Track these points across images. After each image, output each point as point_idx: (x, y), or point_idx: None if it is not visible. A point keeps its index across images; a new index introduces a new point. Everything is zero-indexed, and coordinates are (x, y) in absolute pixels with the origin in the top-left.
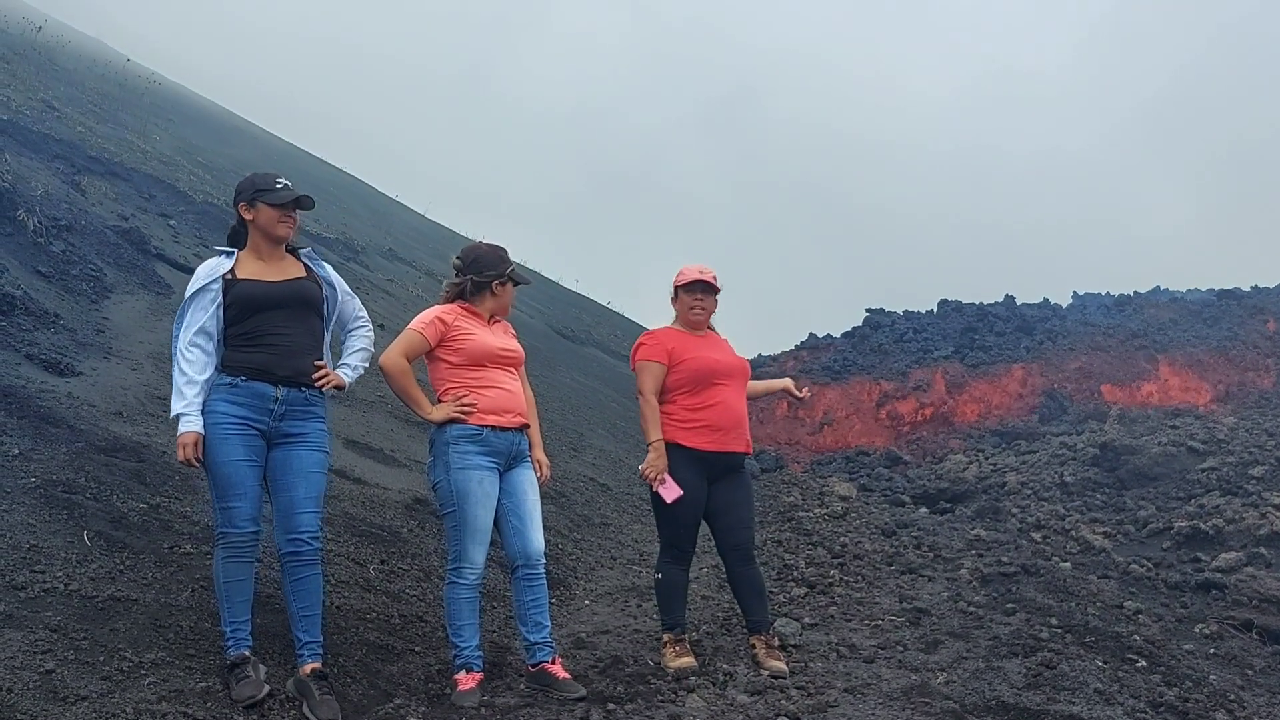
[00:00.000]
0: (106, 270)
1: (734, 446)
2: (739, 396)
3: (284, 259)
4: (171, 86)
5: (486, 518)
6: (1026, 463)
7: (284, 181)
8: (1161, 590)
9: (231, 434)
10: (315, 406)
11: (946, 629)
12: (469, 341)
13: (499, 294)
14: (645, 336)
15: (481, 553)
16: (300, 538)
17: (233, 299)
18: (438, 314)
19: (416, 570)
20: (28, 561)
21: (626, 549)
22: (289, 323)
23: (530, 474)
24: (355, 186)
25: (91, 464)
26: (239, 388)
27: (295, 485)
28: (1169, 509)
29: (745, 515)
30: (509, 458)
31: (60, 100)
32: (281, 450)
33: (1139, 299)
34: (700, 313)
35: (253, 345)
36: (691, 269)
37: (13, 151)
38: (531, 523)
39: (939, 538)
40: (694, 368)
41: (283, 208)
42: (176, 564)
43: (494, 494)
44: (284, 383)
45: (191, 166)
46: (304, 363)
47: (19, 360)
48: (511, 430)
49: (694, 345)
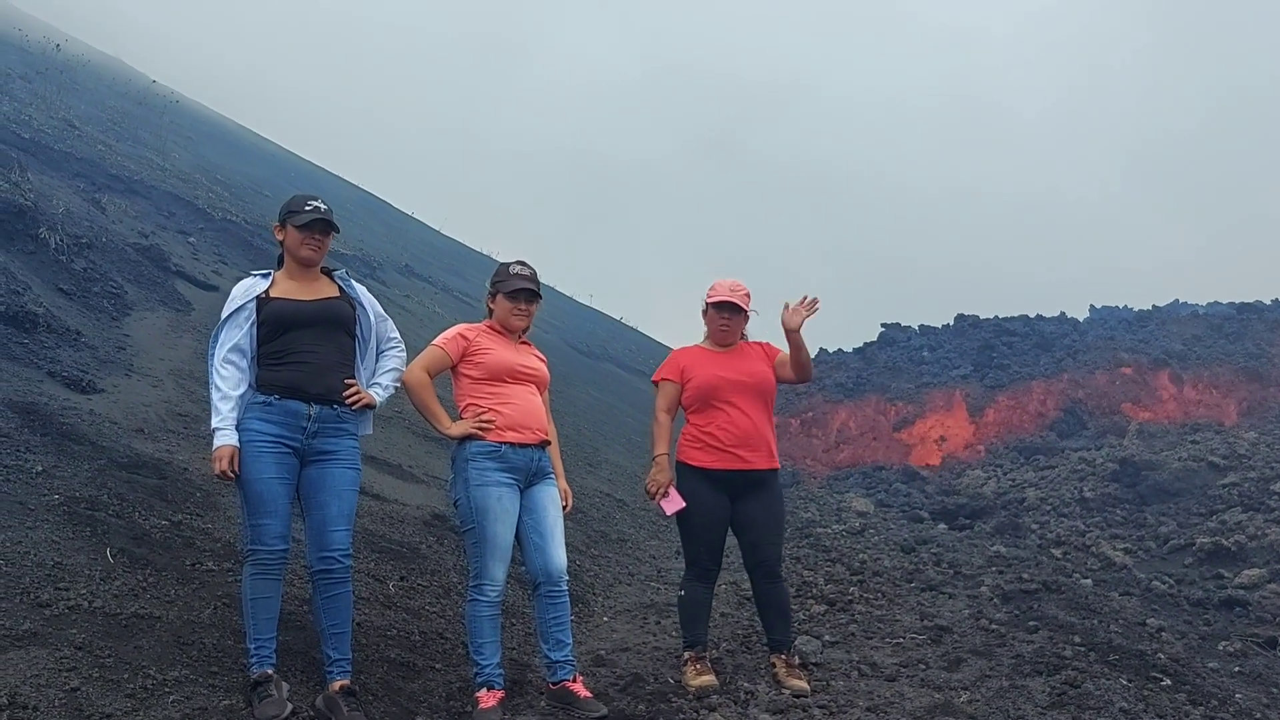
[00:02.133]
0: (127, 287)
1: (744, 464)
2: (750, 412)
3: (317, 280)
4: (190, 104)
5: (506, 534)
6: (1045, 478)
7: (315, 204)
8: (1184, 607)
9: (265, 452)
10: (347, 424)
11: (969, 647)
12: (488, 356)
13: (496, 308)
14: (669, 356)
15: (502, 569)
16: (333, 555)
17: (265, 317)
18: (460, 330)
19: (436, 587)
20: (52, 579)
21: (644, 565)
22: (319, 341)
23: (552, 491)
24: (371, 203)
25: (114, 481)
26: (273, 406)
27: (328, 503)
28: (1190, 525)
29: (768, 532)
30: (529, 474)
31: (80, 119)
32: (315, 468)
33: (1160, 314)
34: (728, 330)
35: (284, 363)
36: (723, 286)
37: (35, 169)
38: (553, 540)
39: (959, 554)
40: (698, 385)
41: (306, 230)
42: (199, 581)
43: (514, 510)
44: (316, 400)
45: (210, 184)
46: (335, 380)
47: (42, 378)
48: (531, 446)
49: (708, 362)
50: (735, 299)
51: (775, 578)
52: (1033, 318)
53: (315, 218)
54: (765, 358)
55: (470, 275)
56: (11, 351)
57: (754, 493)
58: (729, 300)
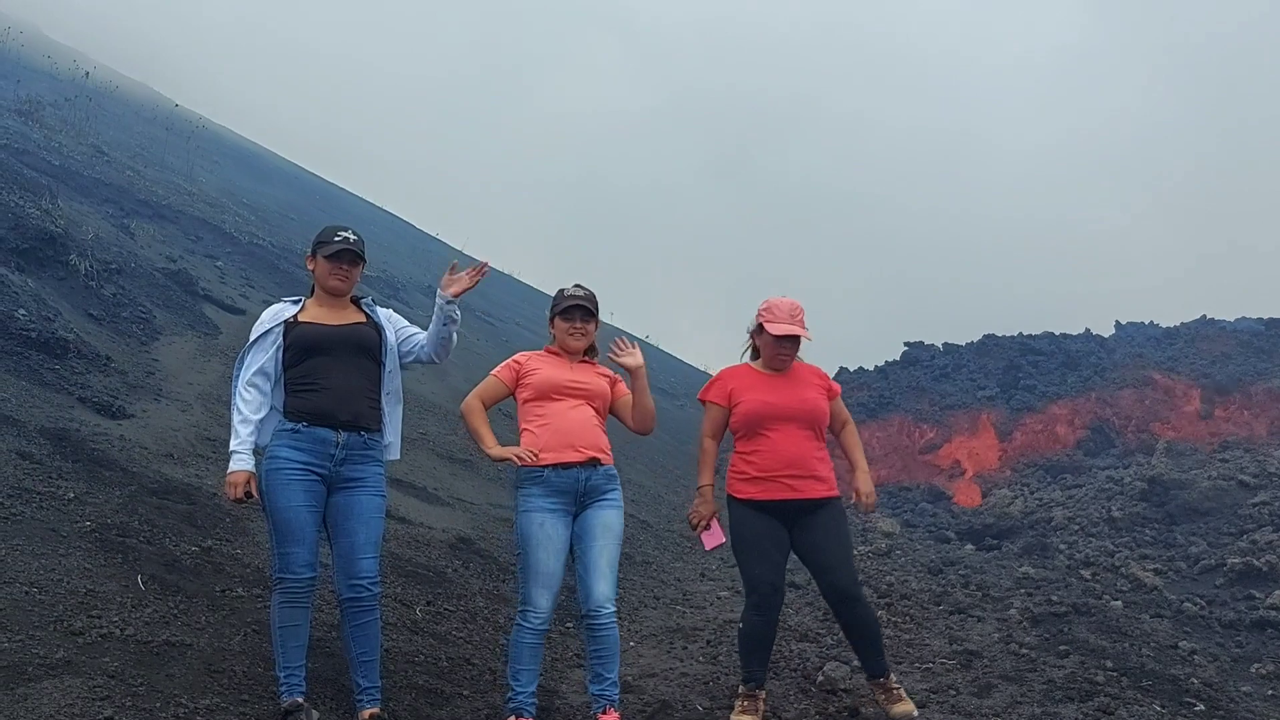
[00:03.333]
0: (156, 312)
1: (794, 492)
2: (795, 440)
3: (346, 308)
4: (216, 129)
5: (549, 561)
6: (1073, 497)
7: (344, 235)
8: (1216, 629)
9: (293, 480)
10: (374, 450)
11: (999, 672)
12: (535, 376)
13: (555, 331)
14: (717, 375)
15: (545, 596)
16: (361, 583)
17: (292, 340)
18: (515, 356)
19: (462, 611)
20: (84, 606)
21: (669, 588)
22: (345, 367)
23: (605, 515)
24: (394, 224)
25: (144, 507)
26: (301, 434)
27: (356, 530)
28: (1220, 545)
29: (832, 558)
30: (578, 495)
31: (109, 145)
32: (342, 495)
33: (1188, 330)
34: (787, 359)
35: (310, 389)
36: (782, 310)
37: (65, 196)
38: (595, 569)
39: (986, 576)
40: (743, 411)
41: (333, 260)
42: (229, 607)
43: (558, 536)
44: (344, 427)
45: (237, 208)
46: (362, 406)
47: (72, 403)
48: (577, 466)
49: (758, 386)
50: (796, 328)
51: (852, 600)
52: (1058, 335)
53: (342, 248)
54: (820, 386)
55: (493, 295)
56: (43, 378)
57: (811, 519)
58: (793, 334)
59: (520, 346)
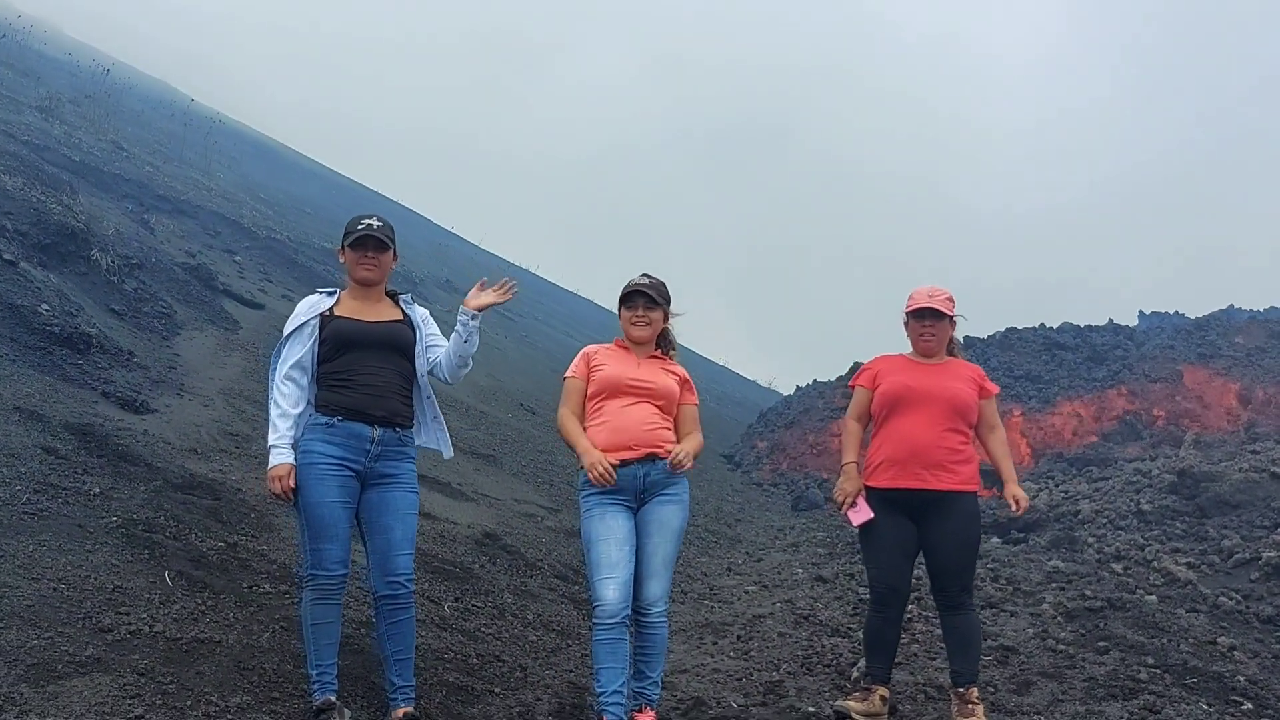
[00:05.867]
0: (176, 307)
1: (922, 482)
2: (927, 426)
3: (381, 301)
4: (232, 124)
5: (612, 551)
6: (1100, 490)
7: (368, 222)
8: (1254, 625)
9: (328, 475)
10: (407, 447)
11: (1037, 668)
12: (600, 372)
13: (622, 321)
14: (868, 362)
15: (611, 587)
16: (398, 580)
17: (328, 334)
18: (585, 350)
19: (490, 608)
20: (113, 603)
21: (696, 583)
22: (381, 364)
23: (662, 512)
24: (411, 219)
25: (169, 502)
26: (335, 428)
27: (393, 527)
28: (1254, 538)
29: (951, 562)
30: (638, 492)
31: (128, 140)
32: (377, 491)
33: (1217, 321)
34: (931, 339)
35: (346, 384)
36: (921, 292)
37: (86, 192)
38: (649, 567)
39: (1015, 569)
40: (884, 391)
41: (358, 248)
42: (256, 604)
43: (620, 526)
44: (380, 423)
45: (254, 202)
46: (396, 403)
47: (96, 398)
48: (635, 463)
49: (902, 370)
50: (935, 304)
51: (956, 608)
52: (1083, 327)
53: (365, 234)
54: (971, 380)
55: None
56: (67, 373)
57: (937, 515)
58: (928, 306)
59: (540, 342)
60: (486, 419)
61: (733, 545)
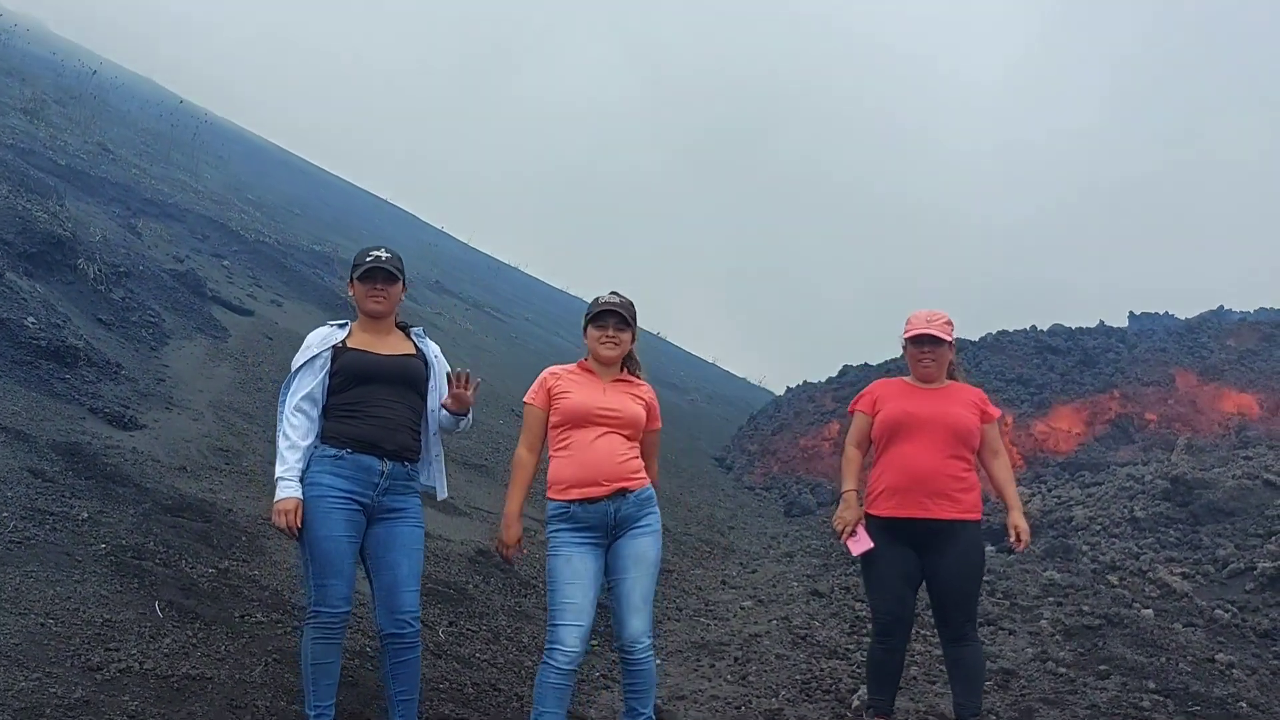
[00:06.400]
0: (165, 315)
1: (925, 511)
2: (929, 453)
3: (392, 334)
4: (221, 123)
5: (578, 596)
6: (1093, 495)
7: (375, 254)
8: (1251, 639)
9: (335, 509)
10: (414, 481)
11: (1038, 693)
12: (565, 400)
13: (588, 341)
14: (868, 386)
15: (573, 634)
16: (404, 618)
17: (340, 367)
18: (545, 374)
19: (485, 631)
20: (101, 639)
21: (691, 597)
22: (393, 398)
23: (638, 545)
24: (400, 217)
25: (159, 526)
26: (344, 460)
27: (400, 562)
28: (1248, 547)
29: (951, 591)
30: (609, 528)
31: (115, 142)
32: (384, 526)
33: (1209, 323)
34: (931, 365)
35: (357, 417)
36: (919, 318)
37: (72, 196)
38: (629, 604)
39: (1012, 582)
40: (884, 418)
41: (366, 281)
42: (248, 634)
43: (587, 570)
44: (390, 456)
45: (242, 204)
46: (406, 437)
47: (84, 414)
48: (603, 500)
49: (903, 396)
50: (934, 329)
51: (959, 640)
52: (1074, 329)
53: (373, 266)
54: (975, 406)
55: (500, 290)
56: (54, 388)
57: (940, 545)
58: (925, 332)
59: (529, 342)
60: (476, 426)
61: (726, 556)
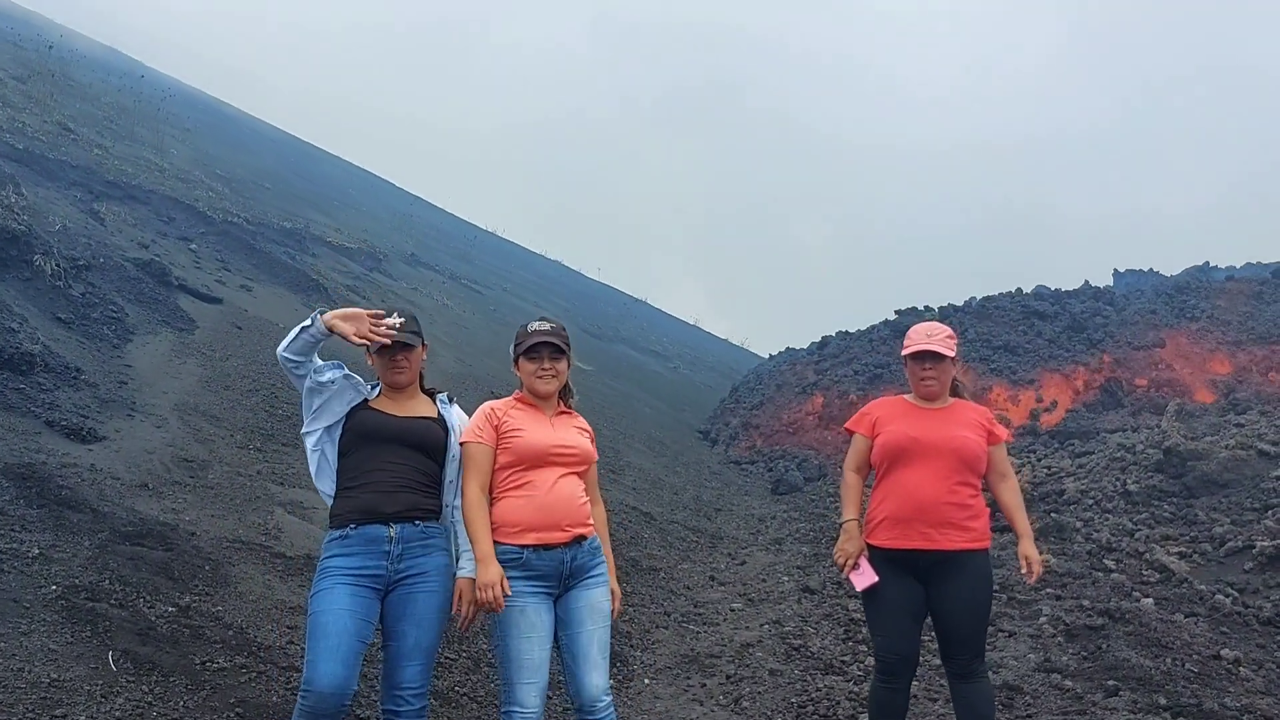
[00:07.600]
0: (128, 309)
1: (929, 542)
2: (933, 480)
3: (415, 398)
4: (187, 92)
5: (533, 651)
6: (1084, 467)
7: (391, 321)
8: (1254, 628)
9: (340, 584)
10: (434, 539)
11: (1045, 711)
12: (516, 440)
13: (521, 374)
14: (866, 406)
15: (531, 693)
16: (401, 694)
17: (351, 424)
18: (487, 411)
19: (465, 659)
20: (48, 703)
21: (679, 598)
22: (398, 460)
23: (591, 595)
24: (377, 185)
25: (115, 560)
26: (351, 537)
27: (407, 633)
28: (1244, 522)
29: (959, 626)
30: (562, 578)
31: (76, 120)
32: (399, 592)
33: (1196, 281)
34: (934, 383)
35: (356, 485)
36: (919, 332)
37: (30, 182)
38: (586, 659)
39: (1009, 571)
40: (884, 442)
41: (384, 355)
42: (209, 685)
43: (542, 624)
44: (395, 519)
45: (210, 181)
46: (412, 495)
47: (39, 429)
48: (560, 548)
49: (904, 417)
50: (935, 345)
51: (967, 676)
52: (1060, 292)
53: (386, 341)
54: (979, 425)
55: (478, 260)
56: (7, 399)
57: (946, 577)
58: (926, 348)
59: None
60: None
61: (714, 544)
